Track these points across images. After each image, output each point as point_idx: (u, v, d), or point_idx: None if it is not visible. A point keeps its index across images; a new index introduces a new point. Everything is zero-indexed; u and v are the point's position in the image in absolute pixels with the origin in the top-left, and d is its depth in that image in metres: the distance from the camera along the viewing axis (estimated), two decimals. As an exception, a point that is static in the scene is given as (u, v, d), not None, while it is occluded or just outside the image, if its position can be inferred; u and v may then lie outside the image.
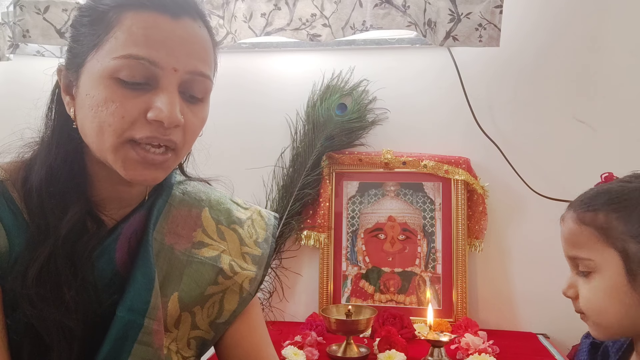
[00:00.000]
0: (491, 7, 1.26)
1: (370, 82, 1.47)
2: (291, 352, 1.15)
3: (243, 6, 1.39)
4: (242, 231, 0.82)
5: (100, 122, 0.62)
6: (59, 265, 0.63)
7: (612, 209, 0.70)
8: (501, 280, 1.44)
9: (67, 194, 0.66)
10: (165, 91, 0.63)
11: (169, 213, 0.76)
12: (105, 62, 0.62)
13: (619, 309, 0.69)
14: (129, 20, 0.62)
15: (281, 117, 1.51)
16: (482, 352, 1.15)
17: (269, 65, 1.53)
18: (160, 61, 0.62)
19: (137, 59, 0.61)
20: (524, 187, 1.39)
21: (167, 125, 0.63)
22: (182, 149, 0.68)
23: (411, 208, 1.45)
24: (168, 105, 0.62)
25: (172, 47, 0.63)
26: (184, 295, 0.74)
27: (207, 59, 0.67)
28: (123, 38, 0.62)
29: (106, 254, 0.69)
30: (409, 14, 1.31)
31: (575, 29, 1.39)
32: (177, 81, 0.64)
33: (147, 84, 0.63)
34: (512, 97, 1.43)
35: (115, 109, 0.62)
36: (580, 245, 0.73)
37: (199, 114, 0.68)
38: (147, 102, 0.62)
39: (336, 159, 1.47)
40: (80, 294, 0.64)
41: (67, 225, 0.65)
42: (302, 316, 1.46)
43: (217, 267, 0.77)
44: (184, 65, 0.64)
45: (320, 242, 1.45)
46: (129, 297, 0.68)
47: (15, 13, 1.41)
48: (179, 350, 0.75)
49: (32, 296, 0.61)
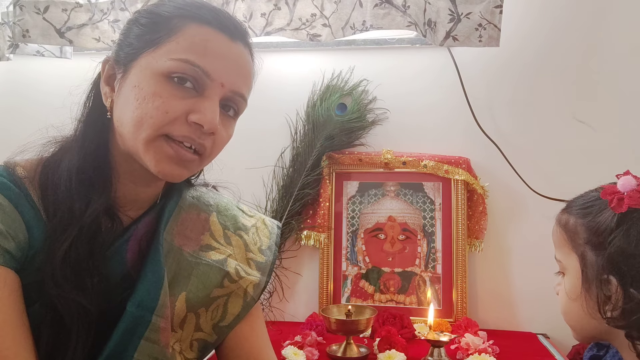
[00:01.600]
0: (491, 7, 1.26)
1: (370, 82, 1.47)
2: (291, 352, 1.15)
3: (243, 6, 1.39)
4: (248, 237, 0.85)
5: (143, 113, 0.66)
6: (80, 253, 0.66)
7: (580, 215, 0.72)
8: (501, 280, 1.44)
9: (94, 185, 0.69)
10: (210, 100, 0.68)
11: (178, 215, 0.79)
12: (162, 60, 0.67)
13: (578, 312, 0.71)
14: (192, 30, 0.68)
15: (281, 117, 1.51)
16: (482, 352, 1.15)
17: (268, 65, 1.52)
18: (213, 74, 0.67)
19: (193, 65, 0.66)
20: (524, 187, 1.39)
21: (206, 130, 0.67)
22: (208, 157, 0.72)
23: (411, 208, 1.45)
24: (211, 113, 0.67)
25: (225, 65, 0.69)
26: (192, 296, 0.76)
27: (249, 84, 0.74)
28: (185, 44, 0.67)
29: (118, 254, 0.71)
30: (409, 14, 1.31)
31: (575, 28, 1.39)
32: (220, 95, 0.69)
33: (194, 89, 0.68)
34: (512, 97, 1.43)
35: (161, 104, 0.66)
36: (556, 246, 0.76)
37: (228, 130, 0.73)
38: (191, 105, 0.67)
39: (336, 159, 1.47)
40: (98, 284, 0.66)
41: (91, 216, 0.67)
42: (302, 316, 1.46)
43: (223, 270, 0.79)
44: (231, 84, 0.70)
45: (320, 242, 1.45)
46: (138, 293, 0.69)
47: (15, 13, 1.41)
48: (182, 351, 0.76)
49: (57, 276, 0.64)
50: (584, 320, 0.71)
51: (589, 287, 0.69)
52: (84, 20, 1.42)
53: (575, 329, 0.74)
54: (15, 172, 0.68)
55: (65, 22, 1.42)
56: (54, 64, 1.57)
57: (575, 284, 0.71)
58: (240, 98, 0.72)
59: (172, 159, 0.68)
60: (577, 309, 0.71)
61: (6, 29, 1.48)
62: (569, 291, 0.72)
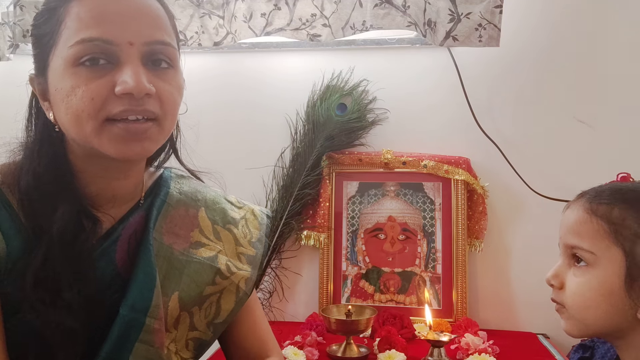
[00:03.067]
0: (491, 7, 1.26)
1: (370, 82, 1.47)
2: (291, 352, 1.15)
3: (243, 6, 1.39)
4: (237, 231, 0.83)
5: (74, 110, 0.63)
6: (56, 266, 0.63)
7: (629, 207, 0.67)
8: (501, 280, 1.44)
9: (56, 195, 0.66)
10: (127, 64, 0.63)
11: (167, 213, 0.77)
12: (64, 53, 0.63)
13: (606, 310, 0.67)
14: (75, 8, 0.63)
15: (281, 117, 1.51)
16: (482, 352, 1.15)
17: (269, 65, 1.53)
18: (114, 38, 0.63)
19: (90, 41, 0.62)
20: (524, 187, 1.39)
21: (136, 96, 0.63)
22: (164, 119, 0.67)
23: (411, 208, 1.45)
24: (133, 76, 0.62)
25: (123, 23, 0.63)
26: (184, 295, 0.75)
27: (163, 26, 0.67)
28: (74, 26, 0.63)
29: (106, 255, 0.69)
30: (409, 14, 1.31)
31: (576, 28, 1.39)
32: (137, 54, 0.64)
33: (108, 62, 0.63)
34: (512, 97, 1.43)
35: (83, 93, 0.62)
36: (585, 236, 0.69)
37: (172, 82, 0.68)
38: (112, 79, 0.63)
39: (336, 159, 1.47)
40: (81, 294, 0.64)
41: (59, 225, 0.64)
42: (302, 316, 1.46)
43: (214, 267, 0.77)
44: (140, 37, 0.64)
45: (320, 242, 1.45)
46: (131, 296, 0.68)
47: (15, 13, 1.41)
48: (177, 351, 0.75)
49: (32, 300, 0.61)
50: (607, 316, 0.67)
51: (632, 285, 0.65)
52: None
53: (587, 323, 0.69)
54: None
55: (66, 22, 1.42)
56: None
57: (611, 279, 0.66)
58: (162, 45, 0.66)
59: (125, 138, 0.64)
60: (605, 305, 0.66)
61: (6, 29, 1.48)
62: (601, 286, 0.67)
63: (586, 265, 0.69)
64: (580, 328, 0.70)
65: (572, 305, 0.69)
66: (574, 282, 0.69)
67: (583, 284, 0.68)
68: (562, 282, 0.71)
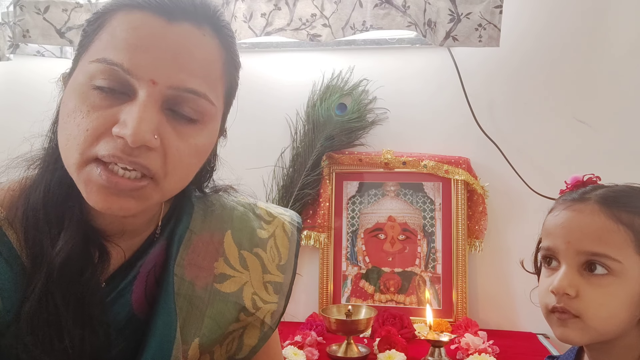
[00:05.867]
0: (491, 7, 1.26)
1: (370, 82, 1.47)
2: (291, 352, 1.15)
3: (243, 6, 1.39)
4: (265, 255, 0.74)
5: (67, 134, 0.54)
6: (57, 304, 0.55)
7: None
8: (501, 280, 1.44)
9: (63, 218, 0.58)
10: (138, 104, 0.52)
11: (189, 242, 0.68)
12: (84, 66, 0.55)
13: (624, 319, 0.65)
14: (115, 21, 0.55)
15: (281, 117, 1.51)
16: (482, 352, 1.15)
17: (269, 65, 1.53)
18: (137, 70, 0.53)
19: (110, 64, 0.53)
20: (524, 187, 1.39)
21: (131, 144, 0.51)
22: (165, 179, 0.56)
23: (411, 208, 1.45)
24: (135, 120, 0.51)
25: (155, 57, 0.53)
26: (205, 340, 0.67)
27: (202, 73, 0.56)
28: (105, 40, 0.54)
29: (122, 297, 0.62)
30: (409, 14, 1.31)
31: (575, 28, 1.39)
32: (158, 96, 0.54)
33: (123, 93, 0.54)
34: (512, 97, 1.43)
35: (82, 120, 0.53)
36: (611, 244, 0.64)
37: (189, 139, 0.56)
38: (116, 114, 0.53)
39: (336, 159, 1.47)
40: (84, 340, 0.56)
41: (61, 255, 0.56)
42: (302, 316, 1.46)
43: (239, 305, 0.70)
44: (167, 79, 0.53)
45: (320, 242, 1.45)
46: (150, 350, 0.61)
47: (15, 13, 1.41)
48: None
49: (27, 343, 0.54)
50: (622, 324, 0.65)
51: None
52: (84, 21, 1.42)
53: (603, 332, 0.65)
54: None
55: (66, 22, 1.42)
56: (54, 64, 1.57)
57: (636, 289, 0.64)
58: (192, 95, 0.55)
59: (105, 189, 0.53)
60: (625, 314, 0.64)
61: (6, 29, 1.48)
62: (626, 295, 0.64)
63: (607, 273, 0.65)
64: (592, 336, 0.66)
65: (594, 315, 0.65)
66: (597, 292, 0.65)
67: (608, 294, 0.64)
68: (578, 291, 0.66)
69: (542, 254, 0.73)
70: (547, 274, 0.71)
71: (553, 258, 0.70)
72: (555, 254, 0.69)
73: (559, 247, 0.68)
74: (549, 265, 0.71)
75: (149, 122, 0.52)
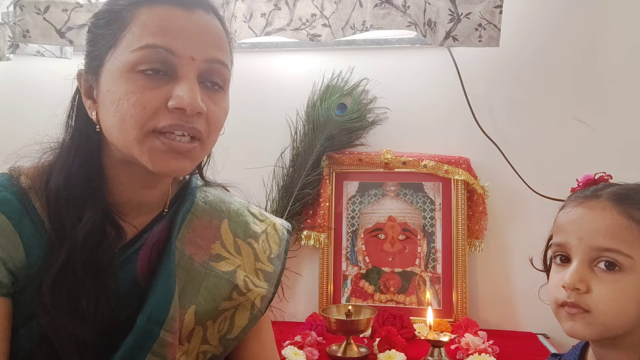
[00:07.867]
0: (491, 7, 1.27)
1: (370, 82, 1.47)
2: (291, 352, 1.15)
3: (243, 6, 1.39)
4: (257, 246, 0.83)
5: (122, 114, 0.63)
6: (77, 272, 0.63)
7: None
8: (501, 280, 1.44)
9: (84, 198, 0.66)
10: (184, 79, 0.64)
11: (191, 222, 0.77)
12: (124, 56, 0.63)
13: (634, 314, 0.65)
14: (143, 15, 0.64)
15: (281, 117, 1.51)
16: (482, 352, 1.15)
17: (269, 65, 1.53)
18: (177, 49, 0.63)
19: (154, 47, 0.62)
20: (524, 187, 1.39)
21: (189, 113, 0.63)
22: (208, 139, 0.68)
23: (411, 208, 1.45)
24: (189, 92, 0.63)
25: (188, 37, 0.64)
26: (200, 309, 0.74)
27: (224, 47, 0.68)
28: (139, 32, 0.63)
29: (128, 263, 0.69)
30: (409, 14, 1.31)
31: (575, 28, 1.39)
32: (195, 70, 0.65)
33: (165, 74, 0.64)
34: (512, 97, 1.43)
35: (136, 100, 0.62)
36: (622, 240, 0.65)
37: (220, 103, 0.69)
38: (167, 91, 0.63)
39: (336, 159, 1.47)
40: (98, 303, 0.64)
41: (84, 230, 0.64)
42: (302, 316, 1.46)
43: (232, 283, 0.77)
44: (202, 54, 0.65)
45: (320, 242, 1.45)
46: (149, 306, 0.68)
47: (15, 13, 1.41)
48: None
49: (47, 304, 0.61)
50: (632, 321, 0.65)
51: None
52: (84, 21, 1.42)
53: (612, 327, 0.66)
54: (20, 183, 0.66)
55: (66, 22, 1.42)
56: (54, 64, 1.57)
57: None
58: (220, 65, 0.67)
59: (167, 153, 0.64)
60: (635, 310, 0.65)
61: (6, 29, 1.48)
62: (637, 292, 0.65)
63: (619, 270, 0.66)
64: (600, 332, 0.67)
65: (605, 311, 0.66)
66: (609, 288, 0.66)
67: (620, 290, 0.65)
68: (588, 286, 0.67)
69: (554, 250, 0.73)
70: (557, 270, 0.72)
71: (564, 254, 0.71)
72: (567, 250, 0.70)
73: (571, 243, 0.69)
74: (560, 261, 0.72)
75: (197, 93, 0.64)
